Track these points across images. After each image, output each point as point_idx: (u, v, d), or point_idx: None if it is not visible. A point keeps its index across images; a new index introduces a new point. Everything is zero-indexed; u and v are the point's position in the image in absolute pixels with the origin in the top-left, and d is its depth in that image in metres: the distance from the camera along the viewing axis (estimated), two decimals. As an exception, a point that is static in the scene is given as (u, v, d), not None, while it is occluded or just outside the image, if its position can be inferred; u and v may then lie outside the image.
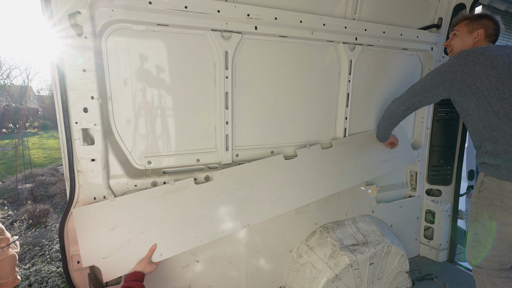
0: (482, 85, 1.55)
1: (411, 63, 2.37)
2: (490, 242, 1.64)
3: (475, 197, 1.72)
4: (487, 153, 1.62)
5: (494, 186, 1.60)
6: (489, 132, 1.59)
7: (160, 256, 1.58)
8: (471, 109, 1.63)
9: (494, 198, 1.60)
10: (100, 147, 1.52)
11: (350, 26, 1.98)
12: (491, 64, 1.55)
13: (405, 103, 1.87)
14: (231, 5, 1.64)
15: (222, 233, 1.73)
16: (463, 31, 1.81)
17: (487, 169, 1.64)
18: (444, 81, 1.67)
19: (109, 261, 1.49)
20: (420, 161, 2.57)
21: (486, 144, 1.63)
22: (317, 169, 2.04)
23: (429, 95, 1.75)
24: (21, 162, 7.41)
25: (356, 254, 1.95)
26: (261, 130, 1.94)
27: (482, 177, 1.67)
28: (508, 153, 1.53)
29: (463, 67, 1.60)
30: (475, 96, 1.58)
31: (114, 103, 1.56)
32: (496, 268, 1.66)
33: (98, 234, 1.48)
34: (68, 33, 1.37)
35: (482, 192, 1.66)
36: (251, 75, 1.84)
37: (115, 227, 1.51)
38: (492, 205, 1.61)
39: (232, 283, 1.98)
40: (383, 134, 2.15)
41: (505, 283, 1.63)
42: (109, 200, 1.52)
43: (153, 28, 1.56)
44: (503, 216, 1.58)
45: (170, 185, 1.64)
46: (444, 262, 2.68)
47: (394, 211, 2.53)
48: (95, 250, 1.47)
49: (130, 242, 1.53)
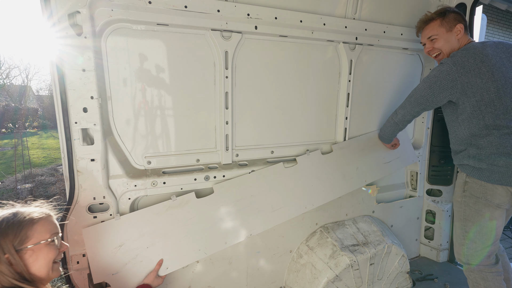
0: (482, 99, 1.58)
1: (411, 63, 2.37)
2: (481, 238, 1.71)
3: (460, 196, 1.78)
4: (471, 157, 1.69)
5: (477, 186, 1.68)
6: (476, 140, 1.65)
7: (166, 269, 1.64)
8: (464, 116, 1.66)
9: (479, 196, 1.68)
10: (100, 147, 1.51)
11: (350, 25, 1.97)
12: (492, 77, 1.56)
13: (410, 113, 1.88)
14: (231, 5, 1.63)
15: (225, 244, 1.78)
16: (442, 32, 1.79)
17: (469, 171, 1.71)
18: (444, 90, 1.67)
19: (118, 277, 1.54)
20: (421, 161, 2.56)
21: (470, 149, 1.69)
22: (318, 175, 2.05)
23: (431, 103, 1.77)
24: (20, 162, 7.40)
25: (356, 255, 1.95)
26: (261, 130, 1.94)
27: (465, 177, 1.75)
28: (491, 158, 1.60)
29: (463, 76, 1.59)
30: (471, 108, 1.62)
31: (114, 103, 1.56)
32: (485, 263, 1.72)
33: (106, 251, 1.53)
34: (68, 32, 1.36)
35: (467, 191, 1.74)
36: (251, 75, 1.83)
37: (122, 244, 1.56)
38: (478, 202, 1.69)
39: (232, 284, 1.98)
40: (389, 137, 2.16)
41: (495, 277, 1.70)
42: (115, 218, 1.56)
43: (153, 28, 1.55)
44: (488, 212, 1.66)
45: (172, 201, 1.68)
46: (444, 262, 2.67)
47: (394, 211, 2.53)
48: (105, 267, 1.52)
49: (137, 258, 1.58)
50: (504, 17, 7.80)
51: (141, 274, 1.59)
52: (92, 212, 1.55)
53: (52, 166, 8.27)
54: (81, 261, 1.57)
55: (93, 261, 1.50)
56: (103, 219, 1.57)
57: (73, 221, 1.51)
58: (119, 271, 1.55)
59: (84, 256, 1.56)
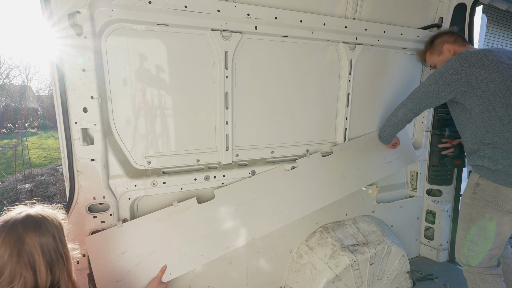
0: (488, 89, 1.55)
1: (411, 63, 2.37)
2: (483, 241, 1.68)
3: (469, 198, 1.73)
4: (486, 157, 1.62)
5: (490, 189, 1.62)
6: (491, 138, 1.59)
7: (169, 275, 1.64)
8: (475, 112, 1.62)
9: (490, 200, 1.63)
10: (100, 147, 1.51)
11: (350, 25, 1.97)
12: (496, 68, 1.54)
13: (412, 110, 1.86)
14: (231, 5, 1.63)
15: (227, 249, 1.79)
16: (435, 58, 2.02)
17: (483, 172, 1.65)
18: (449, 85, 1.66)
19: (121, 284, 1.55)
20: (421, 161, 2.56)
21: (485, 148, 1.63)
22: (318, 178, 2.05)
23: (435, 99, 1.75)
24: (20, 162, 7.40)
25: (356, 255, 1.95)
26: (261, 130, 1.94)
27: (477, 178, 1.69)
28: (508, 159, 1.54)
29: (467, 69, 1.59)
30: (479, 100, 1.58)
31: (114, 103, 1.55)
32: (486, 265, 1.71)
33: (109, 259, 1.53)
34: (68, 32, 1.36)
35: (477, 194, 1.69)
36: (251, 75, 1.83)
37: (125, 251, 1.56)
38: (488, 206, 1.64)
39: (232, 284, 1.98)
40: (388, 138, 2.15)
41: (495, 279, 1.69)
42: (117, 226, 1.56)
43: (153, 28, 1.55)
44: (497, 217, 1.62)
45: (174, 207, 1.68)
46: (444, 262, 2.67)
47: (394, 211, 2.53)
48: (108, 275, 1.53)
49: (140, 265, 1.59)
50: (504, 17, 7.80)
51: (144, 281, 1.59)
52: (92, 212, 1.55)
53: (52, 166, 8.26)
54: (81, 261, 1.56)
55: (96, 270, 1.50)
56: (103, 219, 1.57)
57: (73, 221, 1.50)
58: (122, 279, 1.55)
59: (84, 256, 1.56)
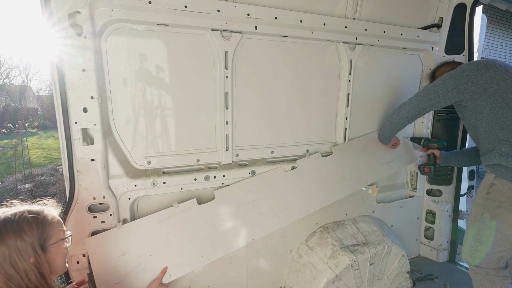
0: (499, 87, 1.56)
1: (411, 63, 2.37)
2: (492, 242, 1.65)
3: (482, 198, 1.70)
4: (503, 155, 1.59)
5: (505, 189, 1.59)
6: (506, 134, 1.58)
7: (170, 277, 1.64)
8: (486, 111, 1.62)
9: (504, 200, 1.60)
10: (100, 147, 1.51)
11: (350, 25, 1.97)
12: (505, 70, 1.59)
13: (417, 108, 1.85)
14: (231, 5, 1.63)
15: (228, 250, 1.79)
16: None
17: (500, 172, 1.61)
18: (458, 85, 1.67)
19: (122, 286, 1.54)
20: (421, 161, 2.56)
21: (502, 146, 1.60)
22: (318, 178, 2.04)
23: (441, 99, 1.75)
24: (20, 162, 7.40)
25: (356, 255, 1.95)
26: (261, 130, 1.94)
27: (493, 178, 1.65)
28: None
29: (477, 71, 1.62)
30: (491, 99, 1.59)
31: (114, 103, 1.56)
32: (494, 267, 1.69)
33: (110, 260, 1.53)
34: (68, 32, 1.36)
35: (491, 194, 1.65)
36: (251, 75, 1.83)
37: (125, 253, 1.56)
38: (501, 207, 1.61)
39: (232, 284, 1.98)
40: (388, 137, 2.15)
41: (502, 281, 1.68)
42: (118, 227, 1.56)
43: (153, 28, 1.55)
44: (510, 219, 1.59)
45: (174, 208, 1.68)
46: (444, 262, 2.67)
47: (394, 211, 2.53)
48: (109, 276, 1.52)
49: (140, 266, 1.58)
50: (504, 17, 7.79)
51: (144, 282, 1.58)
52: (92, 212, 1.55)
53: (52, 166, 8.26)
54: (81, 261, 1.57)
55: (97, 271, 1.50)
56: (103, 219, 1.57)
57: (73, 221, 1.51)
58: (123, 280, 1.54)
59: (84, 256, 1.57)
